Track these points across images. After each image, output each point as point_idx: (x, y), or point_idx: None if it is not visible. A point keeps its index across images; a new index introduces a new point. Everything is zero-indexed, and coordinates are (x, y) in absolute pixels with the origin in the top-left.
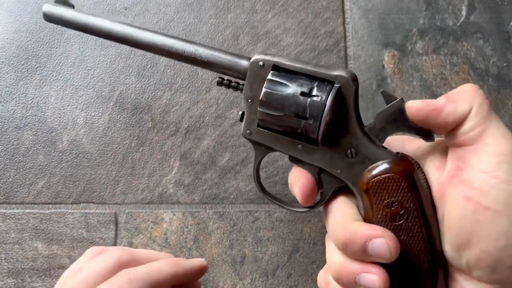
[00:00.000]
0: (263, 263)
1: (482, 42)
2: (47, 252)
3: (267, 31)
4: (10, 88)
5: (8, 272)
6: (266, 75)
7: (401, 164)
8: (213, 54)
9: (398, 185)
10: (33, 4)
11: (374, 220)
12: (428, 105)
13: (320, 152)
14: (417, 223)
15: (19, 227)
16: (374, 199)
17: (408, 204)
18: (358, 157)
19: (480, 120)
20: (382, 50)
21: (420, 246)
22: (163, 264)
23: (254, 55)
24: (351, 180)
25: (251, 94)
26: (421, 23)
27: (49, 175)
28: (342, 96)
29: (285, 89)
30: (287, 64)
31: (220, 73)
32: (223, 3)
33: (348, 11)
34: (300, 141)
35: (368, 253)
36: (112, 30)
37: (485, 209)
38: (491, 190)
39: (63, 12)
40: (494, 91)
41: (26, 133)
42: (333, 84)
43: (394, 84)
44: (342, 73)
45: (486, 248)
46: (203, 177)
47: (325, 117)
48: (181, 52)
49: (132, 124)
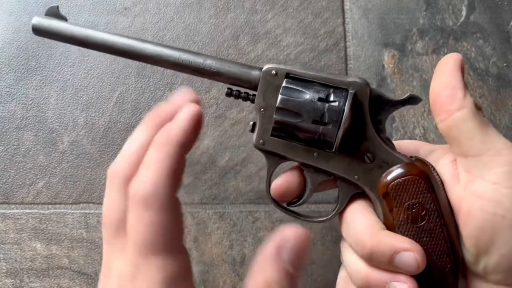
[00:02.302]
0: None
1: (482, 42)
2: (46, 252)
3: (267, 31)
4: (10, 88)
5: (7, 272)
6: (280, 83)
7: (419, 166)
8: (222, 64)
9: (418, 187)
10: (33, 4)
11: (396, 223)
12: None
13: (337, 158)
14: (438, 223)
15: (18, 227)
16: (395, 202)
17: (428, 205)
18: (375, 161)
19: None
20: (382, 50)
21: (442, 247)
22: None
23: (265, 65)
24: (369, 185)
25: (264, 103)
26: (421, 23)
27: (49, 176)
28: (358, 102)
29: (302, 95)
30: (301, 72)
31: (229, 84)
32: (223, 3)
33: (348, 11)
34: (316, 148)
35: (394, 264)
36: (112, 43)
37: (501, 218)
38: (505, 199)
39: (55, 25)
40: (494, 91)
41: (27, 133)
42: (348, 90)
43: (394, 84)
44: (355, 79)
45: (504, 254)
46: (203, 177)
47: (344, 122)
48: (188, 64)
49: (133, 125)
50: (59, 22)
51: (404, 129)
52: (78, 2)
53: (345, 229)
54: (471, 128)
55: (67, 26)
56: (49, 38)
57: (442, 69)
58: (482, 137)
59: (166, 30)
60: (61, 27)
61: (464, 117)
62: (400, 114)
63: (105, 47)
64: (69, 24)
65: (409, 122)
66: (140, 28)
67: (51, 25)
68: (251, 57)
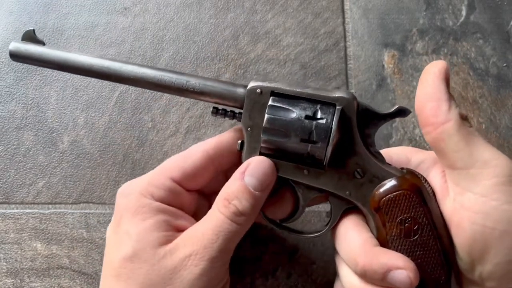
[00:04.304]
0: (263, 263)
1: (482, 42)
2: (47, 252)
3: (267, 31)
4: (10, 88)
5: (7, 272)
6: (266, 101)
7: (410, 180)
8: (205, 84)
9: (409, 201)
10: (33, 4)
11: (389, 238)
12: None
13: (328, 175)
14: (431, 236)
15: (19, 227)
16: (387, 217)
17: (421, 219)
18: (366, 176)
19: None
20: (382, 50)
21: (436, 259)
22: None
23: (250, 83)
24: (361, 200)
25: (251, 122)
26: (421, 23)
27: (49, 175)
28: (346, 117)
29: (289, 114)
30: (286, 89)
31: (214, 103)
32: (223, 3)
33: (348, 11)
34: (306, 165)
35: (387, 281)
36: (90, 66)
37: (491, 230)
38: (494, 212)
39: (33, 50)
40: (494, 91)
41: (27, 133)
42: (335, 106)
43: (394, 84)
44: (342, 94)
45: (498, 263)
46: None
47: (333, 139)
48: (171, 84)
49: (132, 125)
50: (36, 47)
51: (404, 129)
52: (78, 2)
53: (338, 244)
54: (457, 141)
55: (44, 51)
56: (28, 63)
57: (426, 79)
58: (469, 150)
59: (166, 30)
60: (39, 52)
61: (449, 130)
62: None
63: (84, 70)
64: (47, 48)
65: (409, 122)
66: (140, 28)
67: (29, 50)
68: (251, 57)
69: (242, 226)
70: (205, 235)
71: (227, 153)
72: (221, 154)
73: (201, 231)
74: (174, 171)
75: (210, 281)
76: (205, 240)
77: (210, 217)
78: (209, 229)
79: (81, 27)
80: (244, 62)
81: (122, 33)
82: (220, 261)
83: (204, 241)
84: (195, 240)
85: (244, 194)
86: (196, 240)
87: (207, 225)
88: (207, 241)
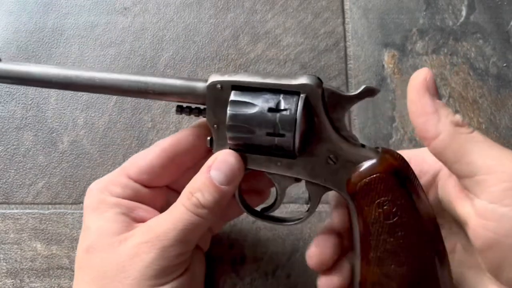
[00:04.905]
0: (263, 263)
1: (482, 42)
2: (46, 252)
3: (266, 31)
4: (10, 88)
5: (7, 272)
6: (228, 96)
7: (385, 162)
8: (164, 84)
9: (385, 184)
10: (33, 4)
11: (369, 221)
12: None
13: (300, 164)
14: (412, 216)
15: (18, 227)
16: (364, 201)
17: (399, 201)
18: (339, 162)
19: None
20: (382, 50)
21: (418, 239)
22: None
23: (210, 77)
24: (337, 186)
25: (216, 119)
26: (421, 23)
27: (49, 176)
28: (310, 105)
29: (251, 108)
30: (247, 81)
31: (177, 102)
32: (223, 3)
33: (348, 11)
34: (277, 157)
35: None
36: (48, 78)
37: (505, 237)
38: (505, 219)
39: None
40: (494, 91)
41: (26, 133)
42: (299, 94)
43: (394, 84)
44: (305, 81)
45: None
46: None
47: (298, 129)
48: (131, 89)
49: (132, 125)
50: None
51: (404, 129)
52: (78, 2)
53: None
54: (453, 151)
55: (2, 66)
56: None
57: (409, 96)
58: (468, 159)
59: (166, 30)
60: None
61: (442, 143)
62: (400, 114)
63: (41, 81)
64: (4, 64)
65: (409, 122)
66: (140, 28)
67: None
68: (251, 57)
69: (204, 219)
70: (161, 225)
71: (189, 149)
72: (181, 151)
73: (158, 221)
74: (131, 169)
75: (163, 270)
76: (161, 230)
77: (171, 208)
78: (167, 219)
79: (81, 27)
80: (244, 62)
81: (122, 33)
82: (175, 251)
83: (159, 231)
84: (150, 229)
85: (209, 188)
86: (151, 229)
87: (167, 216)
88: (162, 231)
